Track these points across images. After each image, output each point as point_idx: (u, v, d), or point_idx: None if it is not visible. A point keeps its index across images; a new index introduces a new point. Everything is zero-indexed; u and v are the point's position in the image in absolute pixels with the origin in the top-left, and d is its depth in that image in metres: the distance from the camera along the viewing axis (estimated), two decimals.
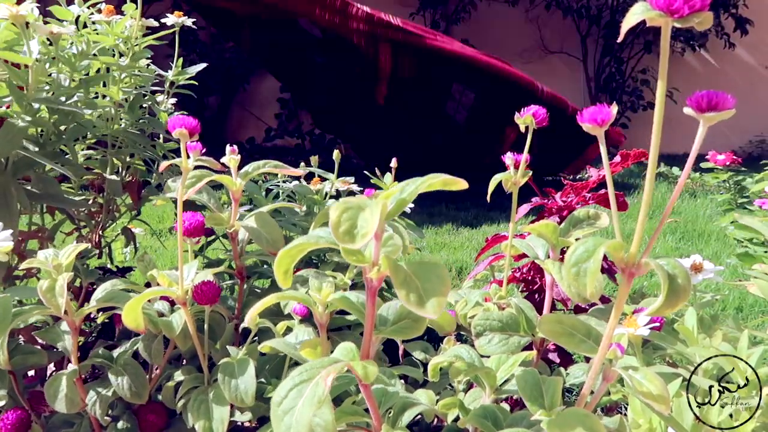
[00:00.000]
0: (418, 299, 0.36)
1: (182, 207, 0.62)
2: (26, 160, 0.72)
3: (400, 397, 0.55)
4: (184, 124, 0.57)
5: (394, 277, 0.37)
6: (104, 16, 0.86)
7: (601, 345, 0.41)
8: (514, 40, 5.15)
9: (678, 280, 0.36)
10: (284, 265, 0.40)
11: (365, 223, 0.35)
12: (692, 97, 0.36)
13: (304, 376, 0.39)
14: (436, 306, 0.36)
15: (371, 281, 0.41)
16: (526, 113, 0.67)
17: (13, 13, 0.69)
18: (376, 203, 0.36)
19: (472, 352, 0.59)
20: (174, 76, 1.04)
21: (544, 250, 0.69)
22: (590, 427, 0.39)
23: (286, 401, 0.38)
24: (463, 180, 0.39)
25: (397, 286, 0.37)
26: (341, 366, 0.40)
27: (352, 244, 0.35)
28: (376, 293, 0.42)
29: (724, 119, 0.36)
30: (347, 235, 0.35)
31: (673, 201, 0.38)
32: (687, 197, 2.84)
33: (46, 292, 0.56)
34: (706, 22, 0.33)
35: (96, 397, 0.68)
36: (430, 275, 0.37)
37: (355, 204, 0.37)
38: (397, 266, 0.38)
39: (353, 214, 0.36)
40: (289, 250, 0.40)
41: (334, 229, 0.35)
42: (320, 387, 0.38)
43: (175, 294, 0.63)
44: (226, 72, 4.84)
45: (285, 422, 0.37)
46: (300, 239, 0.41)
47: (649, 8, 0.34)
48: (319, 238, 0.41)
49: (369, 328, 0.43)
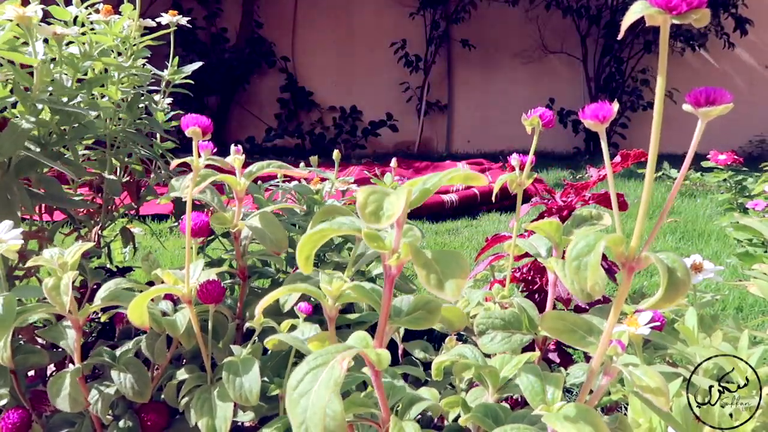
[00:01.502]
0: (438, 281, 0.37)
1: (191, 206, 0.62)
2: (28, 160, 0.72)
3: (407, 392, 0.56)
4: (197, 122, 0.57)
5: (415, 260, 0.38)
6: (102, 16, 0.86)
7: (601, 341, 0.41)
8: (514, 40, 5.16)
9: (677, 273, 0.36)
10: (306, 250, 0.42)
11: (391, 205, 0.37)
12: (690, 93, 0.37)
13: (319, 361, 0.40)
14: (455, 288, 0.37)
15: (390, 269, 0.42)
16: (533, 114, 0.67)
17: (20, 15, 0.69)
18: (402, 189, 0.38)
19: (475, 351, 0.59)
20: (170, 75, 1.04)
21: (547, 249, 0.70)
22: (591, 422, 0.39)
23: (302, 384, 0.39)
24: (483, 176, 0.40)
25: (418, 268, 0.38)
26: (355, 351, 0.41)
27: (378, 224, 0.37)
28: (393, 281, 0.43)
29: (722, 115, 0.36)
30: (373, 216, 0.37)
31: (673, 196, 0.39)
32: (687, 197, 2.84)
33: (51, 290, 0.57)
34: (703, 18, 0.34)
35: (98, 395, 0.68)
36: (449, 261, 0.39)
37: (380, 190, 0.38)
38: (419, 250, 0.39)
39: (379, 198, 0.38)
40: (311, 235, 0.41)
41: (361, 209, 0.37)
42: (336, 371, 0.38)
43: (181, 292, 0.63)
44: (226, 72, 4.85)
45: (301, 405, 0.37)
46: (322, 225, 0.42)
47: (648, 5, 0.34)
48: (341, 225, 0.42)
49: (384, 317, 0.44)
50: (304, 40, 5.32)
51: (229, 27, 5.14)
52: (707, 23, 0.33)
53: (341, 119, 5.22)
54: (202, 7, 5.07)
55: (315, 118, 5.30)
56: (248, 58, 5.07)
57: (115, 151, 0.94)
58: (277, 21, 5.23)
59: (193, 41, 4.97)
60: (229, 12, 5.16)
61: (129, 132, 0.94)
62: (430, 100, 5.27)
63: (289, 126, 5.18)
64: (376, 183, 1.06)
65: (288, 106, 5.25)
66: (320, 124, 5.25)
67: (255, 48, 5.13)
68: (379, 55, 5.18)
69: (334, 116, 5.24)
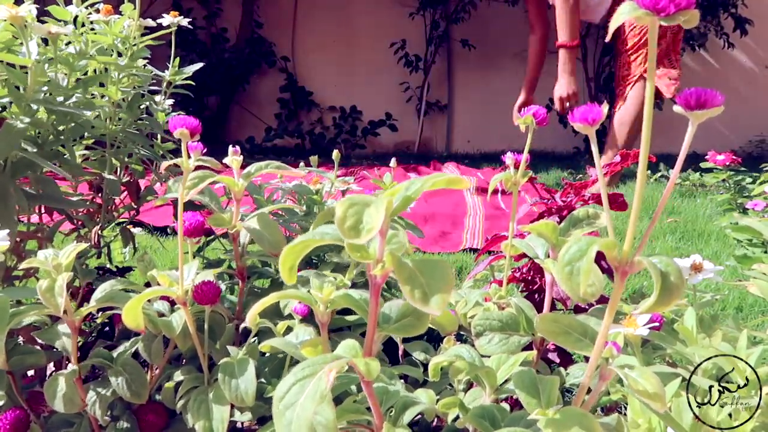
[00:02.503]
0: (423, 295, 0.36)
1: (183, 208, 0.62)
2: (25, 161, 0.72)
3: (401, 396, 0.55)
4: (185, 124, 0.57)
5: (398, 273, 0.37)
6: (102, 16, 0.86)
7: (596, 343, 0.41)
8: (513, 40, 5.15)
9: (671, 277, 0.36)
10: (289, 261, 0.41)
11: (370, 218, 0.36)
12: (681, 95, 0.37)
13: (306, 372, 0.39)
14: (440, 302, 0.36)
15: (375, 278, 0.41)
16: (527, 113, 0.67)
17: (13, 14, 0.69)
18: (382, 200, 0.37)
19: (472, 352, 0.59)
20: (171, 76, 1.04)
21: (544, 250, 0.70)
22: (587, 426, 0.39)
23: (288, 396, 0.38)
24: (466, 179, 0.39)
25: (402, 282, 0.37)
26: (344, 362, 0.41)
27: (358, 239, 0.35)
28: (380, 290, 0.42)
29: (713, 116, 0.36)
30: (353, 231, 0.36)
31: (665, 197, 0.39)
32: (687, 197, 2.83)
33: (45, 292, 0.56)
34: (692, 20, 0.33)
35: (96, 397, 0.68)
36: (434, 272, 0.38)
37: (361, 200, 0.37)
38: (402, 263, 0.38)
39: (359, 210, 0.36)
40: (293, 246, 0.40)
41: (340, 224, 0.36)
42: (322, 383, 0.38)
43: (175, 294, 0.63)
44: (225, 72, 4.84)
45: (287, 417, 0.37)
46: (305, 236, 0.41)
47: (636, 7, 0.34)
48: (324, 235, 0.41)
49: (372, 325, 0.44)
50: (304, 40, 5.31)
51: (229, 27, 5.14)
52: (696, 24, 0.33)
53: (341, 119, 5.22)
54: (202, 7, 5.07)
55: (315, 117, 5.30)
56: (248, 58, 5.07)
57: (115, 151, 0.94)
58: (277, 21, 5.23)
59: (193, 41, 4.96)
60: (229, 12, 5.16)
61: (129, 132, 0.94)
62: (430, 100, 5.26)
63: (288, 126, 5.18)
64: (376, 182, 1.06)
65: (288, 106, 5.25)
66: (320, 123, 5.25)
67: (255, 48, 5.13)
68: (378, 55, 5.18)
69: (333, 116, 5.24)
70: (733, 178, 2.27)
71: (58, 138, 0.80)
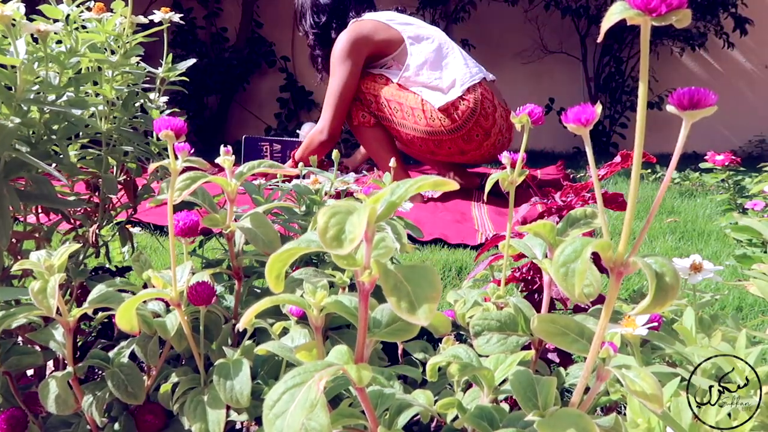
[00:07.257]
0: (409, 306, 0.36)
1: (172, 209, 0.62)
2: (18, 161, 0.71)
3: (396, 398, 0.55)
4: (170, 125, 0.55)
5: (384, 283, 0.37)
6: (94, 14, 0.86)
7: (593, 344, 0.41)
8: (513, 40, 5.15)
9: (666, 278, 0.35)
10: (275, 270, 0.40)
11: (353, 227, 0.35)
12: (674, 95, 0.36)
13: (297, 380, 0.39)
14: (428, 312, 0.35)
15: (363, 285, 0.40)
16: (522, 112, 0.67)
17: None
18: (365, 207, 0.36)
19: (470, 352, 0.59)
20: (164, 73, 1.03)
21: (542, 250, 0.69)
22: (583, 428, 0.38)
23: (279, 404, 0.38)
24: (453, 182, 0.38)
25: (387, 293, 0.36)
26: (335, 370, 0.40)
27: (340, 249, 0.34)
28: (368, 296, 0.41)
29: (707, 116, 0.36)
30: (335, 241, 0.35)
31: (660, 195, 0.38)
32: (687, 197, 2.83)
33: (38, 294, 0.56)
34: (684, 19, 0.33)
35: (92, 398, 0.67)
36: (420, 280, 0.37)
37: (344, 208, 0.36)
38: (388, 271, 0.37)
39: (341, 219, 0.35)
40: (279, 254, 0.39)
41: (321, 234, 0.35)
42: (312, 391, 0.37)
43: (169, 296, 0.62)
44: (225, 72, 4.84)
45: (276, 426, 0.37)
46: (290, 243, 0.40)
47: (627, 7, 0.33)
48: (310, 242, 0.40)
49: (362, 332, 0.43)
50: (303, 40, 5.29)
51: (229, 27, 5.14)
52: (689, 23, 0.33)
53: None
54: (202, 7, 5.07)
55: (315, 117, 5.30)
56: (248, 58, 5.06)
57: (110, 150, 0.94)
58: (277, 21, 5.23)
59: (192, 41, 4.97)
60: (229, 12, 5.16)
61: (124, 130, 0.94)
62: None
63: (288, 125, 5.18)
64: (376, 182, 1.06)
65: (288, 106, 5.25)
66: None
67: (255, 48, 5.13)
68: None
69: None
70: (732, 178, 2.27)
71: (51, 137, 0.79)
